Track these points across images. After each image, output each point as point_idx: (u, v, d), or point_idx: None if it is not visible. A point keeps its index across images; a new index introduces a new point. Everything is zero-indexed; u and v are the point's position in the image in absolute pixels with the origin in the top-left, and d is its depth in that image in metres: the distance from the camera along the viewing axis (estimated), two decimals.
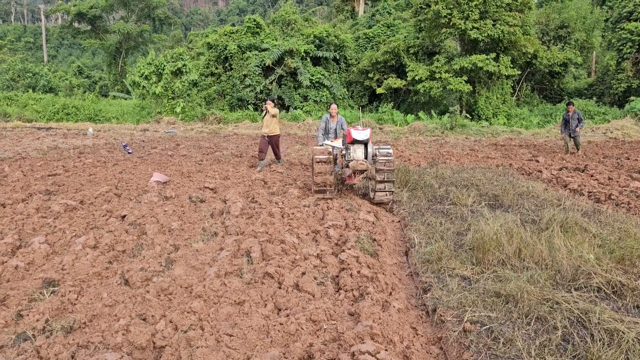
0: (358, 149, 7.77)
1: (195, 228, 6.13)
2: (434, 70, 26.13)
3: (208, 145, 16.84)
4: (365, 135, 7.62)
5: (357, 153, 7.75)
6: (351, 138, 7.60)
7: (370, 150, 7.81)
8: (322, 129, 9.85)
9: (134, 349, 3.10)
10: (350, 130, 7.65)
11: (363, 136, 7.61)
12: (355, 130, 7.64)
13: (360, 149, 7.78)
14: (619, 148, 16.21)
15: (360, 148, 7.78)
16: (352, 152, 7.76)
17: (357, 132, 7.62)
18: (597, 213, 6.64)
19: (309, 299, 3.91)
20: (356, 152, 7.75)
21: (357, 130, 7.64)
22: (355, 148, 7.76)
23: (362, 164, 7.56)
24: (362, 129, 7.70)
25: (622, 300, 3.83)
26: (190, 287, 4.12)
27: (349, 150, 7.81)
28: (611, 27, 28.78)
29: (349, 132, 7.65)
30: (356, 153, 7.75)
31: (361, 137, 7.60)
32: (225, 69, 31.26)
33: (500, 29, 24.34)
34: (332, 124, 9.94)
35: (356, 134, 7.59)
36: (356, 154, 7.75)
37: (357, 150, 7.76)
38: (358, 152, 7.76)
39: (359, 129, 7.68)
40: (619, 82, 27.49)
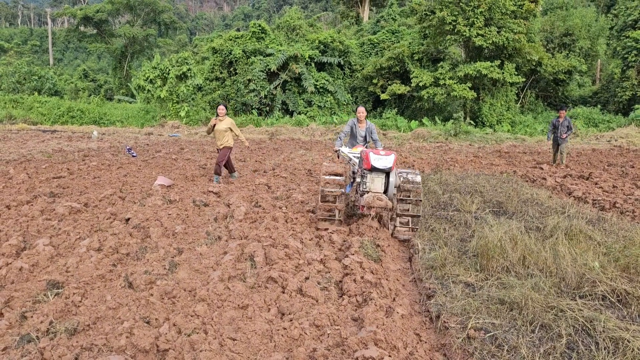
0: (377, 179, 6.01)
1: (199, 232, 6.14)
2: (438, 77, 26.16)
3: (212, 150, 16.86)
4: (388, 162, 5.87)
5: (376, 184, 6.01)
6: (370, 164, 5.86)
7: (392, 180, 6.01)
8: (346, 133, 8.28)
9: (138, 352, 3.10)
10: (369, 155, 5.88)
11: (385, 163, 5.87)
12: (376, 155, 5.89)
13: (380, 179, 6.02)
14: (624, 156, 16.17)
15: (380, 178, 6.01)
16: (369, 182, 6.01)
17: (377, 158, 5.88)
18: (602, 221, 6.62)
19: (313, 304, 3.91)
20: (374, 183, 6.01)
21: (377, 155, 5.89)
22: (373, 177, 6.00)
23: (379, 200, 5.78)
24: (386, 153, 5.93)
25: (627, 308, 3.81)
26: (193, 291, 4.11)
27: (365, 178, 6.07)
28: (616, 35, 28.77)
29: (368, 156, 5.90)
30: (374, 184, 6.01)
31: (382, 165, 5.86)
32: (229, 74, 31.37)
33: (505, 36, 24.36)
34: (361, 131, 8.23)
35: (376, 159, 5.87)
36: (374, 185, 6.00)
37: (376, 180, 6.01)
38: (377, 183, 6.02)
39: (381, 152, 5.93)
40: (623, 90, 27.45)
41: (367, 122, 8.27)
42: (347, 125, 8.29)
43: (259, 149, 17.83)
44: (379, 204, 5.78)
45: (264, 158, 14.53)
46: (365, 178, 6.10)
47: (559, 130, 13.36)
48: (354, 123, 8.31)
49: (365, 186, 6.08)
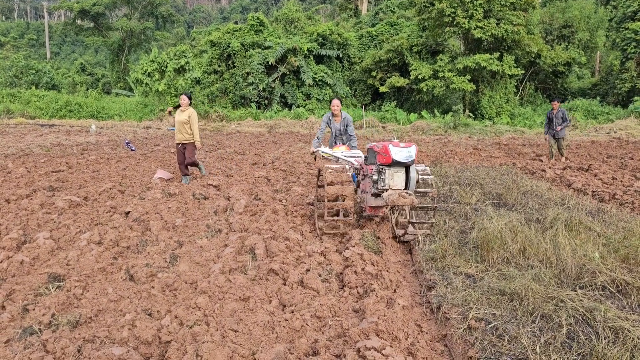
0: (397, 175, 5.37)
1: (199, 225, 6.14)
2: (437, 69, 26.12)
3: (211, 143, 16.84)
4: (410, 154, 5.23)
5: (396, 180, 5.35)
6: (390, 158, 5.19)
7: (413, 175, 5.40)
8: (323, 131, 7.73)
9: (140, 344, 3.11)
10: (387, 147, 5.21)
11: (407, 156, 5.21)
12: (396, 147, 5.21)
13: (400, 174, 5.38)
14: (623, 148, 16.18)
15: (400, 173, 5.38)
16: (388, 179, 5.35)
17: (398, 150, 5.20)
18: (601, 212, 6.63)
19: (314, 296, 3.92)
20: (394, 179, 5.35)
21: (398, 147, 5.22)
22: (392, 173, 5.36)
23: (404, 197, 5.10)
24: (405, 144, 5.28)
25: (627, 298, 3.82)
26: (195, 283, 4.12)
27: (383, 175, 5.40)
28: (615, 26, 28.71)
29: (386, 148, 5.21)
30: (394, 180, 5.34)
31: (405, 158, 5.20)
32: (228, 67, 31.27)
33: (504, 28, 24.30)
34: (337, 125, 7.79)
35: (397, 152, 5.18)
36: (394, 182, 5.34)
37: (396, 175, 5.36)
38: (397, 178, 5.36)
39: (400, 144, 5.27)
40: (622, 82, 27.42)
41: (343, 115, 7.80)
42: (323, 122, 7.77)
43: (257, 142, 17.81)
44: (404, 201, 5.07)
45: (263, 151, 14.52)
46: (382, 174, 5.38)
47: (554, 122, 12.93)
48: (329, 118, 7.80)
49: (383, 183, 5.36)
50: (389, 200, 5.10)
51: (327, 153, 6.90)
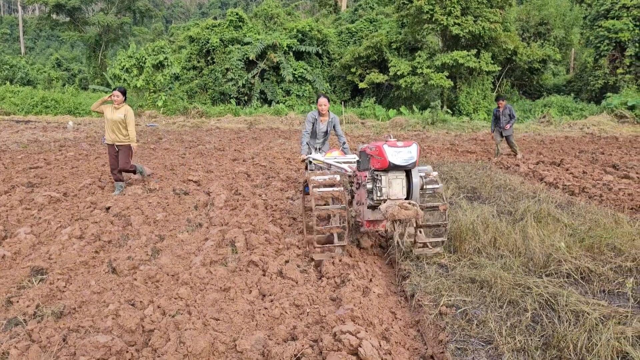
0: (396, 181, 4.47)
1: (179, 219, 6.23)
2: (415, 66, 26.40)
3: (190, 139, 16.83)
4: (411, 155, 4.36)
5: (395, 188, 4.46)
6: (386, 162, 4.30)
7: (416, 180, 4.50)
8: (308, 132, 7.09)
9: (124, 332, 3.21)
10: (382, 148, 4.32)
11: (407, 158, 4.34)
12: (392, 148, 4.33)
13: (399, 180, 4.49)
14: (595, 143, 16.62)
15: (399, 179, 4.49)
16: (386, 187, 4.44)
17: (395, 151, 4.32)
18: (570, 205, 6.89)
19: (293, 285, 4.06)
20: (392, 187, 4.46)
21: (395, 148, 4.34)
22: (390, 179, 4.45)
23: (406, 209, 4.18)
24: (404, 143, 4.42)
25: (590, 285, 4.04)
26: (176, 275, 4.22)
27: (379, 182, 4.47)
28: (589, 24, 29.31)
29: (381, 150, 4.33)
30: (392, 188, 4.46)
31: (404, 160, 4.33)
32: (207, 63, 31.14)
33: (482, 25, 24.67)
34: (322, 125, 7.15)
35: (394, 153, 4.31)
36: (392, 190, 4.45)
37: (395, 182, 4.47)
38: (396, 186, 4.47)
39: (398, 143, 4.41)
40: (596, 79, 28.04)
41: (330, 115, 7.19)
42: (308, 122, 7.10)
43: (237, 138, 17.83)
44: (407, 214, 4.15)
45: (243, 147, 14.57)
46: (378, 182, 4.47)
47: (501, 120, 12.77)
48: (315, 118, 7.09)
49: (380, 193, 4.44)
50: (388, 214, 4.16)
51: (318, 160, 6.21)
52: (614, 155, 12.78)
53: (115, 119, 7.77)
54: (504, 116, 12.74)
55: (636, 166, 10.72)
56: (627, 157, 12.52)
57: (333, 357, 2.73)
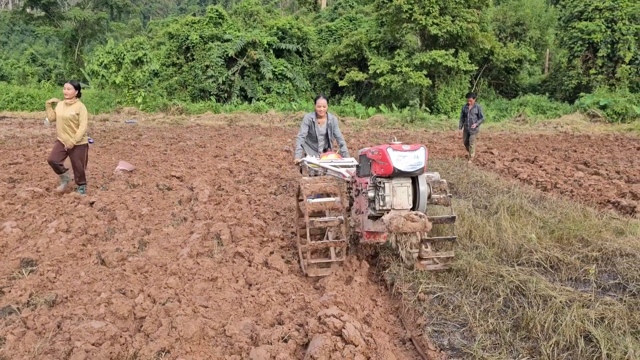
0: (401, 189, 4.02)
1: (164, 214, 6.33)
2: (395, 64, 26.71)
3: (171, 136, 16.83)
4: (418, 160, 3.91)
5: (399, 197, 4.01)
6: (390, 167, 3.86)
7: (424, 188, 4.06)
8: (304, 136, 6.60)
9: (117, 319, 3.34)
10: (385, 152, 3.90)
11: (413, 163, 3.89)
12: (397, 152, 3.89)
13: (405, 188, 4.03)
14: (568, 141, 17.10)
15: (405, 187, 4.03)
16: (389, 195, 4.00)
17: (400, 155, 3.88)
18: (543, 200, 7.18)
19: (278, 275, 4.22)
20: (396, 195, 4.00)
21: (400, 152, 3.89)
22: (394, 187, 4.00)
23: (412, 221, 3.78)
24: (411, 146, 3.97)
25: (558, 273, 4.28)
26: (164, 266, 4.35)
27: (382, 190, 4.03)
28: (563, 25, 29.96)
29: (384, 154, 3.91)
30: (396, 196, 4.00)
31: (410, 166, 3.88)
32: (187, 60, 31.01)
33: (459, 25, 25.08)
34: (321, 128, 6.67)
35: (399, 157, 3.87)
36: (397, 199, 4.00)
37: (399, 190, 4.01)
38: (401, 194, 4.01)
39: (403, 146, 3.96)
40: (570, 79, 28.71)
41: (328, 117, 6.73)
42: (304, 125, 6.61)
43: (218, 135, 17.88)
44: (413, 227, 3.75)
45: (224, 144, 14.65)
46: (381, 190, 4.03)
47: (468, 118, 12.38)
48: (311, 120, 6.63)
49: (382, 202, 4.01)
50: (392, 226, 3.77)
51: (314, 164, 5.73)
52: (585, 153, 13.21)
53: (66, 116, 7.05)
54: (471, 114, 12.38)
55: (606, 163, 11.13)
56: (597, 155, 12.96)
57: (318, 338, 2.90)
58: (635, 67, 27.50)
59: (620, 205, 7.02)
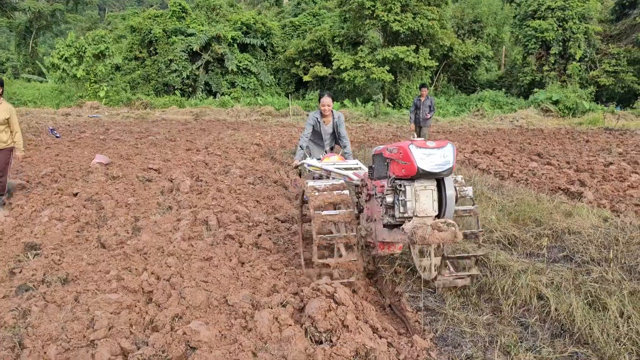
0: (424, 192, 3.49)
1: (149, 203, 6.62)
2: (358, 60, 27.33)
3: (139, 130, 16.88)
4: (446, 159, 3.38)
5: (423, 202, 3.48)
6: (414, 167, 3.33)
7: (451, 193, 3.53)
8: (307, 136, 6.20)
9: (128, 292, 3.68)
10: (408, 150, 3.36)
11: (441, 162, 3.37)
12: (422, 149, 3.37)
13: (429, 191, 3.50)
14: (523, 135, 18.05)
15: (429, 189, 3.49)
16: (411, 200, 3.47)
17: (425, 153, 3.35)
18: (501, 187, 7.82)
19: (268, 254, 4.64)
20: (420, 200, 3.47)
21: (425, 149, 3.37)
22: (417, 190, 3.47)
23: (440, 231, 3.30)
24: (437, 143, 3.43)
25: (515, 248, 4.86)
26: (162, 248, 4.69)
27: (402, 194, 3.49)
28: (518, 24, 31.21)
29: (406, 152, 3.37)
30: (420, 201, 3.47)
31: (437, 166, 3.36)
32: (150, 53, 30.77)
33: (420, 22, 25.89)
34: (327, 127, 6.27)
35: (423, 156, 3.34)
36: (420, 204, 3.47)
37: (423, 194, 3.48)
38: (424, 199, 3.48)
39: (428, 143, 3.43)
40: (524, 75, 30.00)
41: (334, 115, 6.24)
42: (308, 125, 6.19)
43: (186, 129, 18.01)
44: (442, 237, 3.29)
45: (193, 138, 14.85)
46: (401, 194, 3.49)
47: (421, 110, 12.25)
48: (316, 120, 6.19)
49: (403, 208, 3.47)
50: (417, 237, 3.26)
51: (315, 166, 5.27)
52: (539, 146, 14.07)
53: None
54: (424, 107, 12.25)
55: (557, 155, 11.97)
56: (550, 147, 13.84)
57: (314, 301, 3.34)
58: (585, 64, 29.01)
59: (569, 192, 7.72)
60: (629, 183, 8.29)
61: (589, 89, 27.93)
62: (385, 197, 3.63)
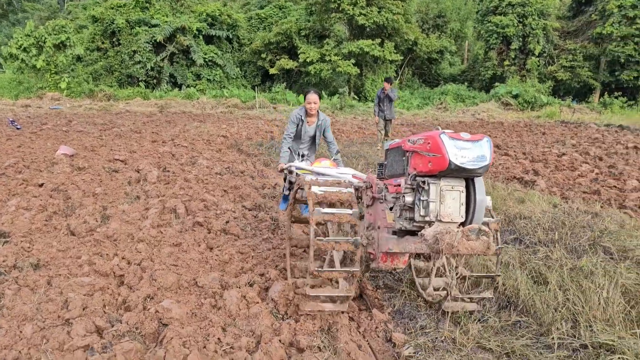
0: (451, 194, 3.00)
1: (117, 193, 6.68)
2: (324, 53, 27.54)
3: (102, 122, 16.67)
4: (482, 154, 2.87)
5: (449, 204, 2.99)
6: (445, 160, 2.81)
7: (481, 198, 3.02)
8: (291, 136, 5.67)
9: (100, 276, 3.80)
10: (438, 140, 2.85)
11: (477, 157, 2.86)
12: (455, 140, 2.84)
13: (457, 192, 3.01)
14: (484, 127, 18.62)
15: (457, 190, 3.01)
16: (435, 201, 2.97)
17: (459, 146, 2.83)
18: None
19: (236, 239, 4.81)
20: (445, 201, 2.98)
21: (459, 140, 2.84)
22: (443, 189, 2.97)
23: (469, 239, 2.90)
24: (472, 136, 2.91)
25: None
26: (131, 235, 4.80)
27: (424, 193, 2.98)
28: (480, 19, 31.99)
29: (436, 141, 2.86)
30: (445, 203, 2.98)
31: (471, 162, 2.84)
32: (112, 44, 30.21)
33: (385, 17, 26.26)
34: (309, 129, 5.77)
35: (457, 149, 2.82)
36: (446, 207, 2.99)
37: (449, 195, 2.99)
38: (450, 200, 2.99)
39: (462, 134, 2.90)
40: (486, 70, 30.81)
41: (319, 116, 5.74)
42: (291, 123, 5.64)
43: (151, 121, 17.86)
44: (472, 247, 2.86)
45: (159, 130, 14.79)
46: (423, 193, 2.96)
47: (385, 103, 12.18)
48: (300, 118, 5.65)
49: (424, 211, 2.96)
50: (444, 244, 2.78)
51: (305, 170, 4.61)
52: (498, 138, 14.60)
53: None
54: (387, 99, 12.14)
55: (515, 146, 12.47)
56: (509, 139, 14.39)
57: (277, 284, 3.56)
58: (544, 59, 29.98)
59: (523, 180, 8.14)
60: (579, 172, 8.79)
61: (547, 83, 28.91)
62: (405, 196, 3.00)
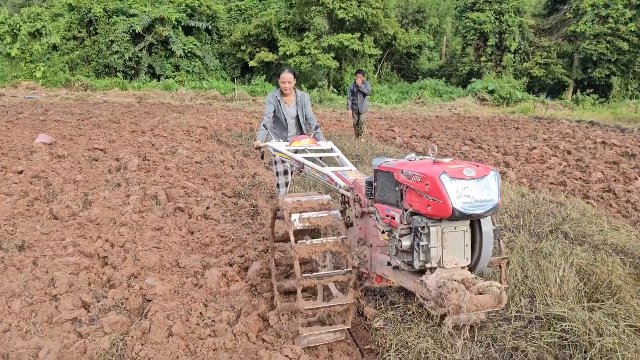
0: (454, 235, 2.51)
1: (98, 180, 6.77)
2: (304, 46, 27.63)
3: (80, 112, 16.56)
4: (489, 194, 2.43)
5: (453, 247, 2.52)
6: (448, 208, 2.31)
7: (487, 240, 2.57)
8: (269, 116, 5.21)
9: (85, 256, 3.94)
10: (438, 182, 2.32)
11: (482, 198, 2.41)
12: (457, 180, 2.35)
13: (461, 232, 2.53)
14: (460, 122, 18.99)
15: (461, 230, 2.53)
16: (437, 246, 2.48)
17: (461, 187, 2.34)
18: None
19: (216, 224, 4.98)
20: (449, 245, 2.50)
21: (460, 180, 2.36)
22: (446, 232, 2.49)
23: (479, 297, 2.33)
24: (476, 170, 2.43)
25: None
26: (113, 219, 4.93)
27: (424, 236, 2.46)
28: (458, 15, 32.39)
29: (435, 183, 2.33)
30: (448, 247, 2.50)
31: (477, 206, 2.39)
32: (89, 33, 29.80)
33: (365, 11, 26.45)
34: (289, 108, 5.37)
35: (458, 191, 2.33)
36: (449, 250, 2.51)
37: (451, 237, 2.51)
38: (454, 243, 2.52)
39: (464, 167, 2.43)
40: (463, 65, 31.25)
41: (297, 93, 5.41)
42: (268, 103, 5.27)
43: (129, 112, 17.80)
44: (482, 303, 2.35)
45: (138, 120, 14.78)
46: (423, 237, 2.47)
47: (358, 97, 11.91)
48: (276, 99, 5.29)
49: (424, 256, 2.49)
50: (449, 305, 2.31)
51: (282, 153, 4.21)
52: (473, 132, 14.95)
53: None
54: (360, 93, 11.89)
55: (489, 140, 12.82)
56: (483, 133, 14.75)
57: (255, 264, 3.74)
58: (519, 56, 30.54)
59: None
60: (547, 165, 9.14)
61: (522, 79, 29.47)
62: (401, 240, 2.54)
